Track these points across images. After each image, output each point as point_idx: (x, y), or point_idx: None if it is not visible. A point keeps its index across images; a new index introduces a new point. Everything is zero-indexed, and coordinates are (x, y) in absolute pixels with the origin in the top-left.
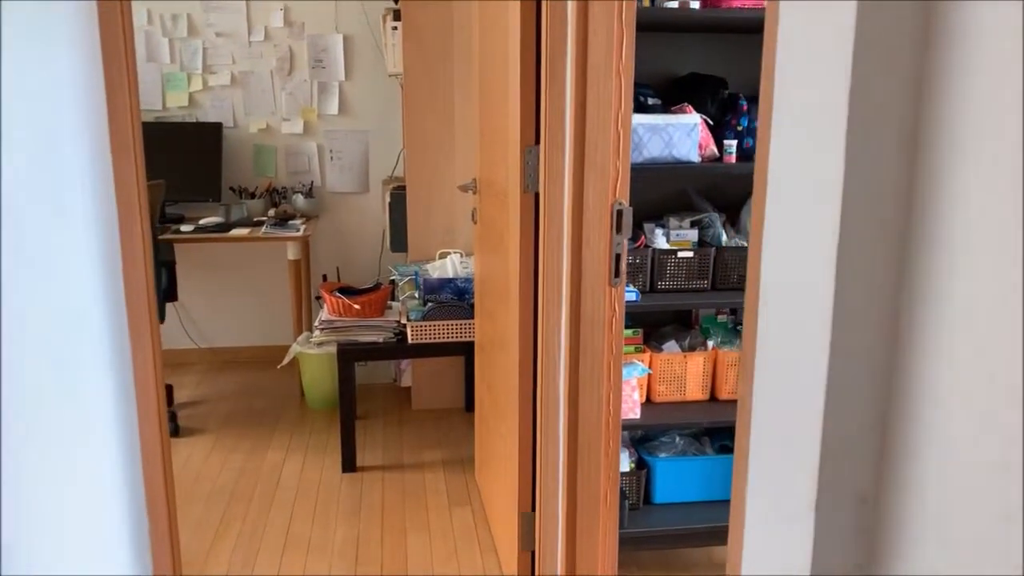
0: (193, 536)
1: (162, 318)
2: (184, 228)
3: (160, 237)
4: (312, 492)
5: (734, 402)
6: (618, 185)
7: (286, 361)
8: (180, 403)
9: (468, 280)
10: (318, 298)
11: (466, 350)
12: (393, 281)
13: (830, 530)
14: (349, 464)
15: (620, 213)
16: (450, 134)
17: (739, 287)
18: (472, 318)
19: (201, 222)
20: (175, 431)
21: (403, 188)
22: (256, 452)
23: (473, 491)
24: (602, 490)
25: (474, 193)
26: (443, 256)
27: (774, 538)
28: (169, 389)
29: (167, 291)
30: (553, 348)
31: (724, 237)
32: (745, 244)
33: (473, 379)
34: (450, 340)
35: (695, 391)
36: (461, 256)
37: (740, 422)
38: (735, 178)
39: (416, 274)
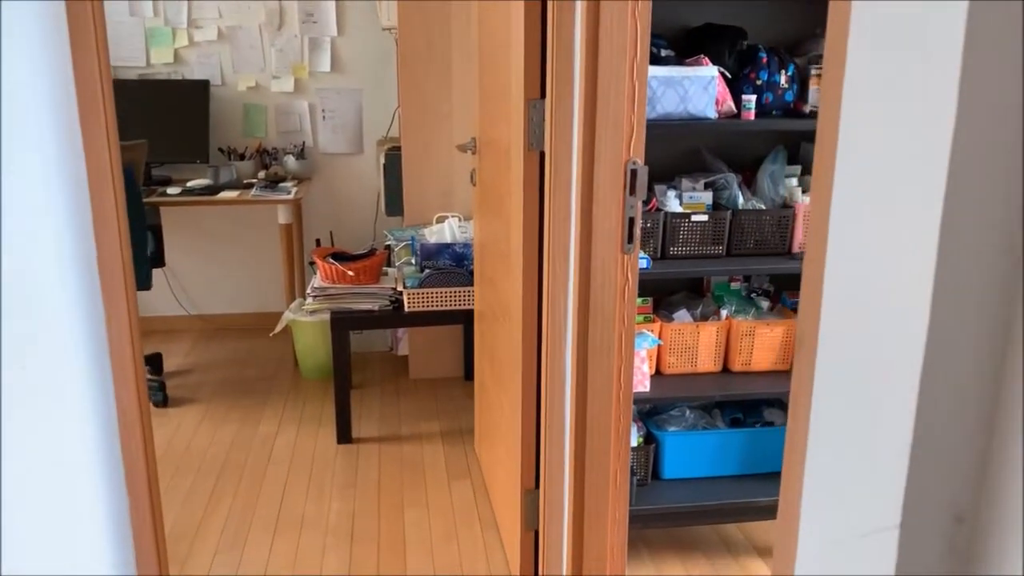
0: (182, 512)
1: (148, 285)
2: (171, 191)
3: (145, 200)
4: (306, 465)
5: (747, 374)
6: (633, 142)
7: (278, 329)
8: (170, 372)
9: (467, 245)
10: (311, 263)
11: (465, 318)
12: (389, 247)
13: (917, 552)
14: (344, 436)
15: (634, 173)
16: (447, 91)
17: (756, 253)
18: (472, 285)
19: (188, 184)
20: (164, 401)
21: (398, 149)
22: (248, 423)
23: (473, 464)
24: (611, 470)
25: (473, 153)
26: (440, 220)
27: (840, 558)
28: (158, 358)
29: (154, 257)
30: (559, 319)
31: (741, 199)
32: (763, 207)
33: (472, 348)
34: (448, 308)
35: (707, 362)
36: (459, 220)
37: (794, 419)
38: (753, 136)
39: (412, 239)
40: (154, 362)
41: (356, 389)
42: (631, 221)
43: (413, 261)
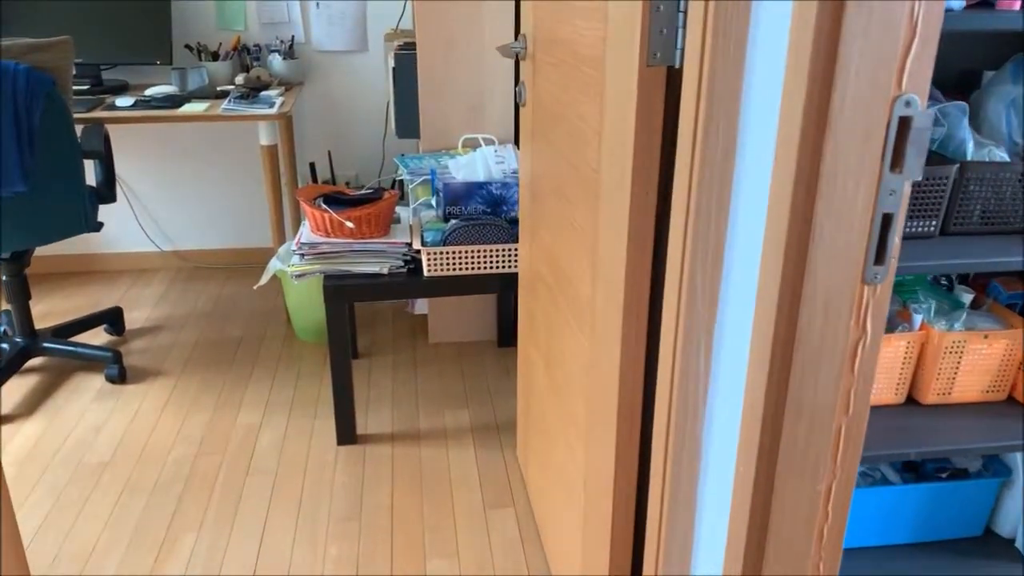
0: (127, 557)
1: (95, 226)
2: (120, 102)
3: (84, 115)
4: (296, 479)
5: (945, 409)
6: (910, 60)
7: (263, 281)
8: (133, 330)
9: (506, 184)
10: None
11: (502, 284)
12: (402, 181)
13: None
14: (346, 434)
15: (905, 124)
16: None
17: (984, 230)
18: (513, 241)
19: (148, 92)
20: (120, 376)
21: (413, 47)
22: (225, 409)
23: (515, 478)
24: None
25: (522, 59)
26: (468, 145)
27: None
28: (118, 315)
29: (101, 190)
30: (696, 374)
31: (970, 145)
32: (1004, 157)
33: (508, 307)
34: (481, 272)
35: (886, 391)
36: (496, 146)
37: None
38: (991, 40)
39: (433, 174)
40: (113, 320)
41: (362, 358)
42: (886, 221)
43: (434, 203)
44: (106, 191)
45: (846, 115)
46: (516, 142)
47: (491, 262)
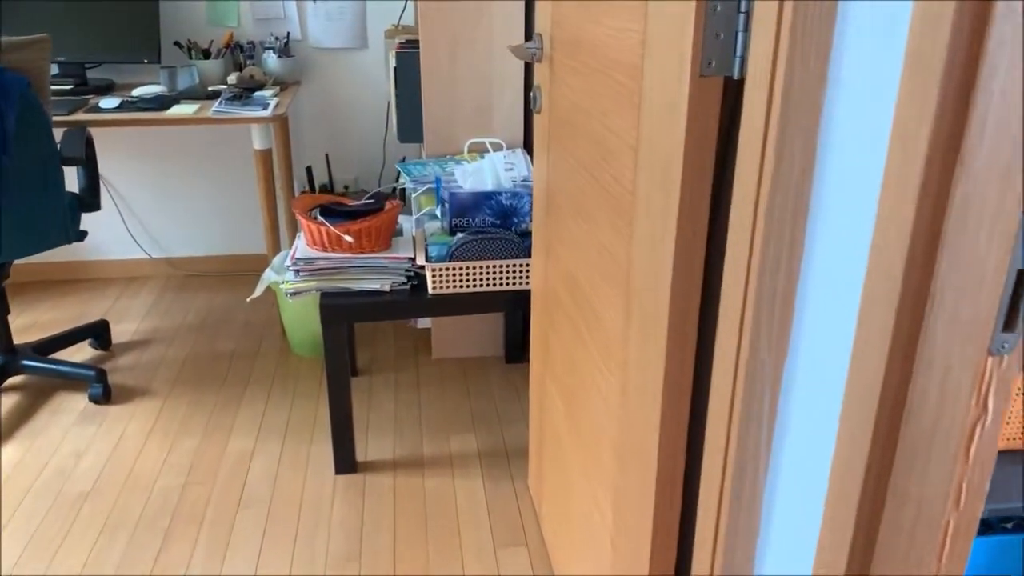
0: None
1: (78, 236)
2: (105, 103)
3: (64, 118)
4: (291, 514)
5: (1015, 455)
6: None
7: (257, 293)
8: (120, 344)
9: (517, 194)
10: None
11: (514, 300)
12: (403, 190)
13: None
14: (345, 462)
15: None
16: None
17: None
18: (525, 256)
19: (135, 92)
20: (104, 395)
21: (415, 44)
22: (215, 433)
23: (527, 511)
24: None
25: (537, 62)
26: (475, 151)
27: None
28: (104, 329)
29: (84, 198)
30: (756, 455)
31: None
32: None
33: (517, 323)
34: (490, 289)
35: (1017, 433)
36: (505, 151)
37: None
38: None
39: (438, 183)
40: (98, 334)
41: (362, 376)
42: (1021, 279)
43: (438, 213)
44: (89, 199)
45: (986, 144)
46: (526, 146)
47: (501, 278)
